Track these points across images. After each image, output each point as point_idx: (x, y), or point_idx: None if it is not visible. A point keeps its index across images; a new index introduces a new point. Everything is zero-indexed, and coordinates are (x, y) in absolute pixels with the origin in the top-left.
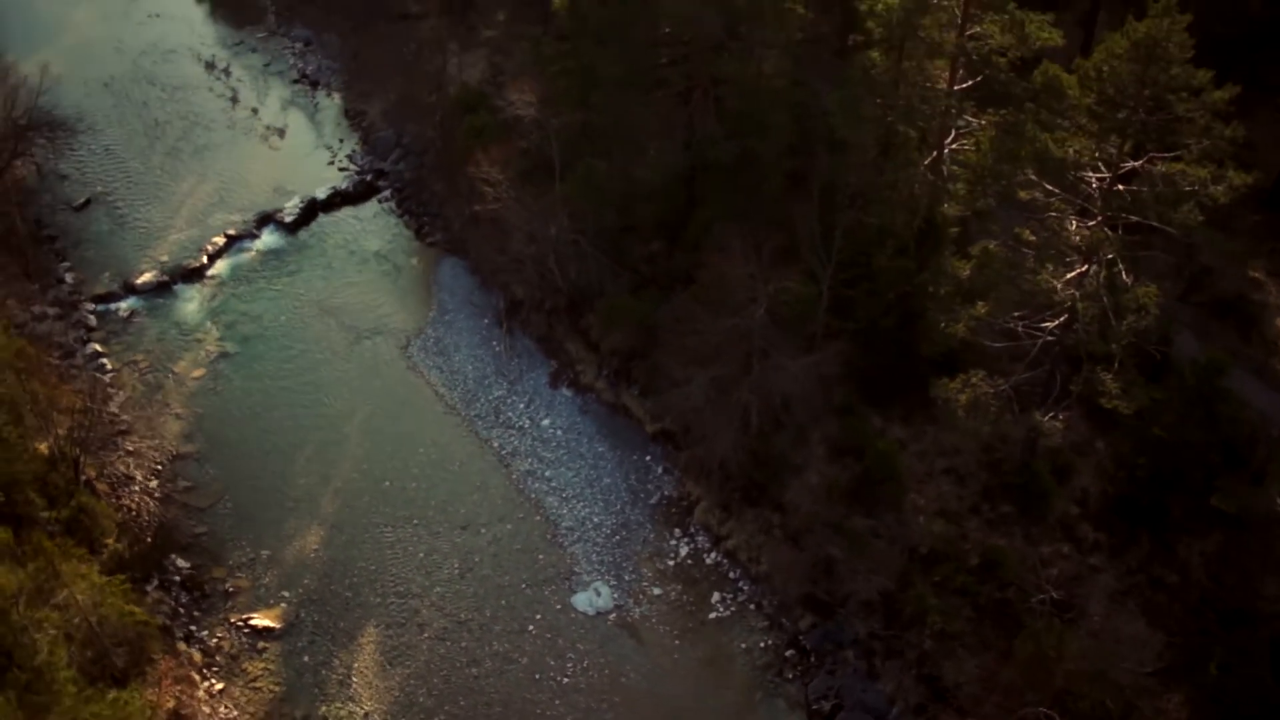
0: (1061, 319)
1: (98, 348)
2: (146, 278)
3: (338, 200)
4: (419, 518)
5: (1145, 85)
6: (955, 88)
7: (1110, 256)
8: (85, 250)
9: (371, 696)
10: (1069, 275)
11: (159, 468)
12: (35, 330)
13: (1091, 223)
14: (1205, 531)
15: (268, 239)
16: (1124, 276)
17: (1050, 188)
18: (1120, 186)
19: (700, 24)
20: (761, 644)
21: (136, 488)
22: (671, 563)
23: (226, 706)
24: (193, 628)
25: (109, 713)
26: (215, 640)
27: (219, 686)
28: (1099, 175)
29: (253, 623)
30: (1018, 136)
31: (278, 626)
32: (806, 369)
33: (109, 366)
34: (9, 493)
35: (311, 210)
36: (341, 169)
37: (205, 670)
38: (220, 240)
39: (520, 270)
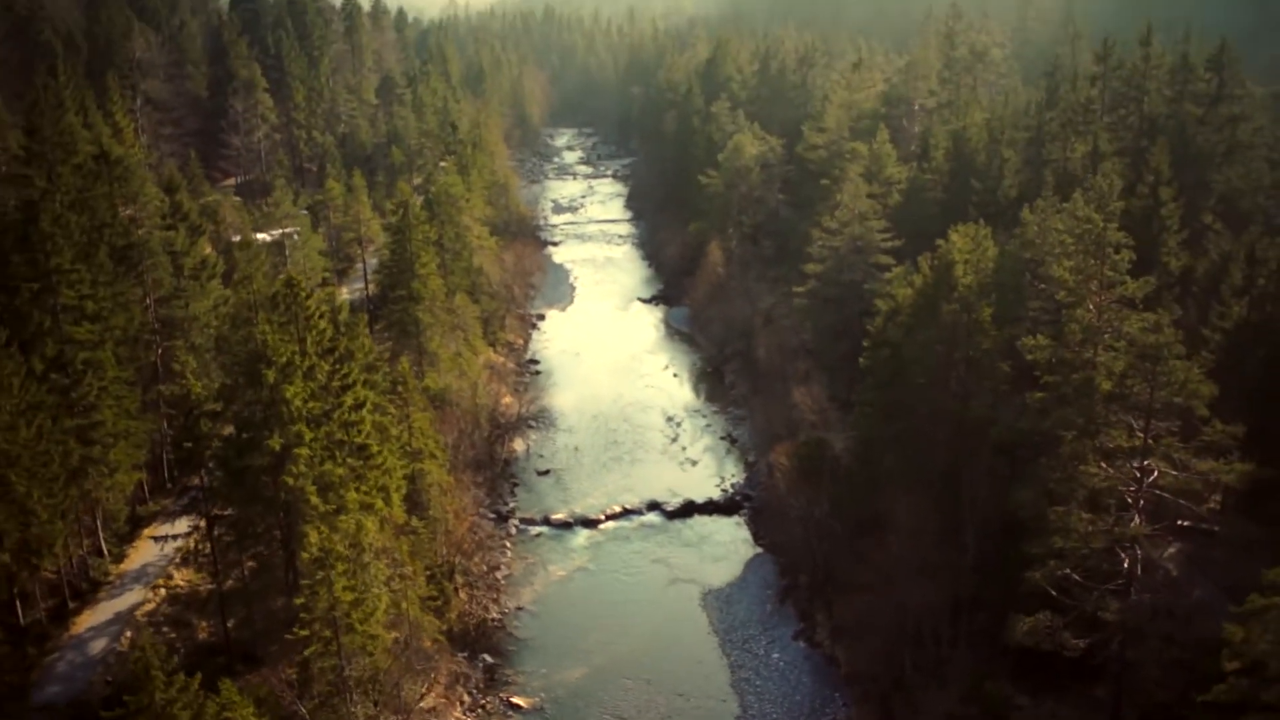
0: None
1: (507, 544)
2: (559, 516)
3: (709, 507)
4: (654, 681)
5: (1148, 381)
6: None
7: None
8: (530, 494)
9: None
10: (1105, 527)
11: (506, 609)
12: (476, 521)
13: (1129, 496)
14: None
15: (649, 517)
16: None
17: (1105, 466)
18: (1149, 474)
19: (942, 368)
20: None
21: (486, 610)
22: None
23: None
24: (473, 689)
25: (389, 662)
26: (484, 701)
27: None
28: (1131, 460)
29: (512, 700)
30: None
31: (526, 707)
32: (950, 635)
33: (509, 554)
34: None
35: (689, 509)
36: (722, 490)
37: (465, 710)
38: (617, 509)
39: (801, 561)
